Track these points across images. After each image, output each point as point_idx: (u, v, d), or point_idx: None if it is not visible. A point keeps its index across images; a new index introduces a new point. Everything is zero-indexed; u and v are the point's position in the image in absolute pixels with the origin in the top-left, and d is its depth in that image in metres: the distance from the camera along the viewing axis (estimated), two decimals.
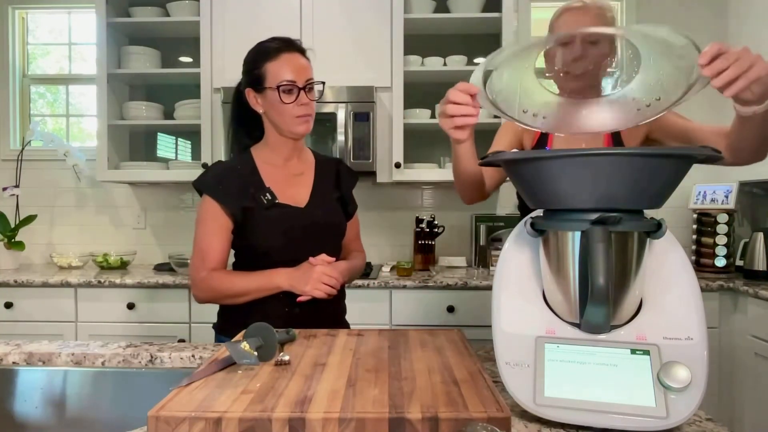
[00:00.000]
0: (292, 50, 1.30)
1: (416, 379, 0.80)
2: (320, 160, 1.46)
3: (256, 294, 1.27)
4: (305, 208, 1.34)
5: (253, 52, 1.33)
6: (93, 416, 1.05)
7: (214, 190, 1.30)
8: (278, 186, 1.33)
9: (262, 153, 1.37)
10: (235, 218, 1.29)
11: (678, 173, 0.72)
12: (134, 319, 2.40)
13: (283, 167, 1.37)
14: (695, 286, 0.77)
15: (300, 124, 1.30)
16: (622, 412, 0.70)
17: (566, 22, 1.30)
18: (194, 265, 1.30)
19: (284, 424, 0.66)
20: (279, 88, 1.27)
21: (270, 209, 1.29)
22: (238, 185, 1.30)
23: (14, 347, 1.11)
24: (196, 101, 2.67)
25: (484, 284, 2.30)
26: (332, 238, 1.39)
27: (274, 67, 1.28)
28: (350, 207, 1.46)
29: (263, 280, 1.26)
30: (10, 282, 2.40)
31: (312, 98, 1.31)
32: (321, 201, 1.37)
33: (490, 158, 0.79)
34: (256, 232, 1.29)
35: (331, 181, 1.43)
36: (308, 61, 1.33)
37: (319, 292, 1.24)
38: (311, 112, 1.31)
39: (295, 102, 1.28)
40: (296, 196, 1.34)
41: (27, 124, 3.09)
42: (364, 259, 1.53)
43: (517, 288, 0.83)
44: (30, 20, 3.13)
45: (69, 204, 3.04)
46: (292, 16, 2.57)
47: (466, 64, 2.67)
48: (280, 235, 1.29)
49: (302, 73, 1.29)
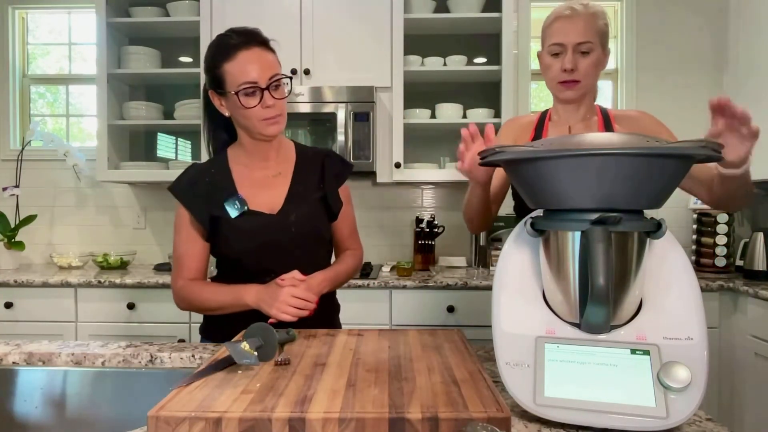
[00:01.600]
0: (251, 45, 1.17)
1: (416, 379, 0.80)
2: (303, 155, 1.34)
3: (228, 309, 1.21)
4: (278, 215, 1.24)
5: (211, 48, 1.21)
6: (93, 416, 1.05)
7: (185, 197, 1.25)
8: (251, 190, 1.26)
9: (237, 154, 1.29)
10: (204, 226, 1.24)
11: (678, 173, 0.72)
12: (134, 319, 2.40)
13: (259, 168, 1.28)
14: (695, 286, 0.77)
15: (268, 126, 1.20)
16: (622, 412, 0.70)
17: (558, 31, 1.30)
18: (172, 274, 1.28)
19: (284, 424, 0.66)
20: (238, 94, 1.16)
21: (239, 217, 1.22)
22: (209, 191, 1.24)
23: (14, 347, 1.11)
24: (196, 101, 2.67)
25: (484, 284, 2.30)
26: (310, 245, 1.29)
27: (232, 68, 1.16)
28: (335, 206, 1.32)
29: (233, 296, 1.20)
30: (10, 282, 2.40)
31: (279, 96, 1.19)
32: (297, 205, 1.26)
33: (490, 157, 0.79)
34: (227, 240, 1.23)
35: (314, 178, 1.31)
36: (273, 54, 1.20)
37: (286, 316, 1.13)
38: (280, 111, 1.20)
39: (259, 104, 1.17)
40: (270, 201, 1.25)
41: (27, 124, 3.09)
42: (359, 257, 1.41)
43: (517, 288, 0.83)
44: (30, 20, 3.13)
45: (69, 204, 3.04)
46: (292, 16, 2.57)
47: (466, 64, 2.67)
48: (250, 245, 1.22)
49: (265, 70, 1.16)
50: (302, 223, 1.25)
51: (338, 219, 1.35)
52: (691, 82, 2.87)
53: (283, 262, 1.22)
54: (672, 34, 2.89)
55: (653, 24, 2.89)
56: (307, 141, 2.56)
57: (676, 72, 2.88)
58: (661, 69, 2.89)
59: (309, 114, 2.52)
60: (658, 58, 2.89)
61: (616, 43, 2.98)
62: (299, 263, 1.22)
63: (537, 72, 3.02)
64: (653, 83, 2.89)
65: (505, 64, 2.56)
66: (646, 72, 2.89)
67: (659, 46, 2.89)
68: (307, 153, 1.35)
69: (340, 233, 1.38)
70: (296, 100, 2.49)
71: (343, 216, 1.36)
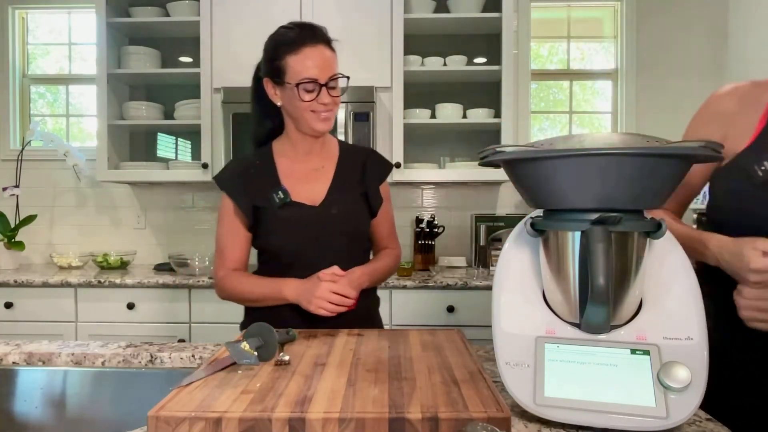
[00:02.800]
0: (316, 42, 1.20)
1: (416, 379, 0.80)
2: (346, 151, 1.36)
3: (268, 302, 1.23)
4: (320, 207, 1.26)
5: (273, 39, 1.24)
6: (93, 416, 1.05)
7: (229, 187, 1.27)
8: (294, 182, 1.28)
9: (282, 146, 1.32)
10: (247, 217, 1.26)
11: (678, 173, 0.72)
12: (134, 319, 2.40)
13: (303, 161, 1.30)
14: (695, 286, 0.77)
15: (319, 122, 1.23)
16: (622, 412, 0.70)
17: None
18: (214, 264, 1.31)
19: (284, 424, 0.66)
20: (299, 86, 1.19)
21: (282, 208, 1.24)
22: (253, 182, 1.26)
23: (14, 347, 1.11)
24: (196, 101, 2.67)
25: (484, 284, 2.30)
26: (350, 238, 1.30)
27: (294, 61, 1.19)
28: (375, 203, 1.33)
29: (272, 289, 1.22)
30: (10, 282, 2.40)
31: (335, 94, 1.23)
32: (339, 198, 1.28)
33: (490, 157, 0.79)
34: (268, 232, 1.26)
35: (356, 175, 1.32)
36: (333, 53, 1.24)
37: (323, 311, 1.16)
38: (333, 108, 1.24)
39: (315, 100, 1.20)
40: (312, 193, 1.27)
41: (27, 124, 3.09)
42: (397, 257, 1.41)
43: (517, 288, 0.83)
44: (30, 20, 3.13)
45: (69, 204, 3.04)
46: (292, 16, 2.57)
47: (466, 64, 2.67)
48: (291, 236, 1.24)
49: (326, 68, 1.20)
50: (343, 217, 1.27)
51: (378, 216, 1.36)
52: (691, 82, 2.87)
53: (323, 255, 1.23)
54: (672, 34, 2.89)
55: (653, 24, 2.89)
56: None
57: (676, 72, 2.88)
58: (662, 69, 2.89)
59: None
60: (659, 58, 2.90)
61: (616, 44, 2.98)
62: (338, 257, 1.23)
63: (537, 72, 3.02)
64: (653, 84, 2.89)
65: (505, 64, 2.56)
66: (646, 72, 2.89)
67: (659, 46, 2.89)
68: (349, 150, 1.38)
69: (379, 231, 1.39)
70: None
71: (382, 214, 1.37)
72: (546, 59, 3.11)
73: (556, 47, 3.08)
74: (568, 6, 3.02)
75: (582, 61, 3.08)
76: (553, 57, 3.10)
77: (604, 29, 3.05)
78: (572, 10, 3.03)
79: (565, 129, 3.08)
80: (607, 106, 3.04)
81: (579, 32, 3.04)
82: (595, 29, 3.06)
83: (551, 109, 3.11)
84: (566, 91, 3.07)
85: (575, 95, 3.07)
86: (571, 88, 3.06)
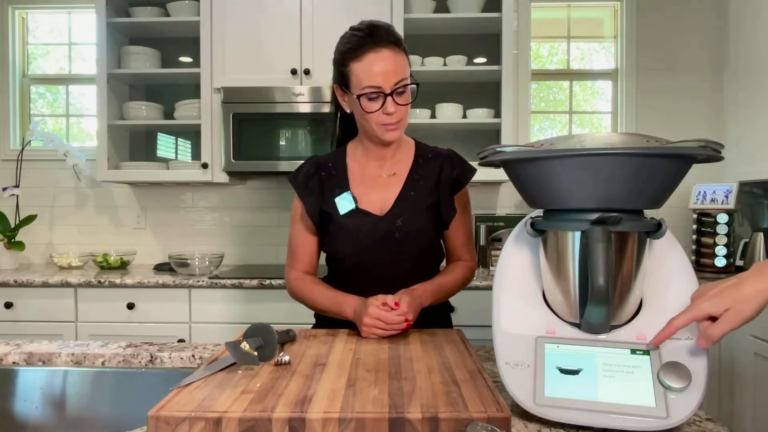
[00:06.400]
0: (380, 46, 1.11)
1: (416, 379, 0.80)
2: (421, 157, 1.28)
3: (332, 315, 1.20)
4: (385, 217, 1.20)
5: (341, 44, 1.17)
6: (93, 416, 1.05)
7: (300, 189, 1.25)
8: (364, 189, 1.23)
9: (355, 149, 1.28)
10: (313, 220, 1.24)
11: (678, 173, 0.72)
12: (134, 319, 2.40)
13: (374, 167, 1.25)
14: (695, 286, 0.77)
15: (386, 132, 1.16)
16: (622, 412, 0.70)
17: None
18: (286, 263, 1.32)
19: (284, 424, 0.66)
20: (360, 97, 1.12)
21: (347, 215, 1.20)
22: (323, 185, 1.24)
23: (14, 347, 1.11)
24: (196, 101, 2.67)
25: (484, 284, 2.29)
26: (414, 251, 1.22)
27: (358, 69, 1.12)
28: (447, 214, 1.24)
29: (335, 305, 1.18)
30: (10, 282, 2.40)
31: (403, 102, 1.15)
32: (407, 209, 1.21)
33: (489, 157, 0.79)
34: (333, 238, 1.23)
35: (429, 182, 1.24)
36: (402, 55, 1.15)
37: (372, 336, 1.08)
38: (400, 117, 1.16)
39: (380, 110, 1.13)
40: (381, 202, 1.22)
41: (27, 124, 3.09)
42: (471, 269, 1.32)
43: (517, 288, 0.83)
44: (30, 20, 3.13)
45: (69, 204, 3.04)
46: (292, 16, 2.57)
47: (466, 64, 2.67)
48: (353, 244, 1.20)
49: (390, 76, 1.11)
50: (408, 228, 1.20)
51: (450, 227, 1.27)
52: (691, 82, 2.87)
53: (385, 266, 1.20)
54: (672, 34, 2.89)
55: (653, 24, 2.89)
56: (306, 141, 2.56)
57: (676, 72, 2.88)
58: (661, 69, 2.89)
59: (309, 114, 2.52)
60: (658, 58, 2.89)
61: (616, 44, 2.98)
62: (401, 269, 1.21)
63: (537, 72, 3.02)
64: (653, 84, 2.89)
65: (505, 64, 2.56)
66: (646, 72, 2.89)
67: (659, 46, 2.89)
68: (426, 154, 1.29)
69: (451, 241, 1.31)
70: (296, 100, 2.49)
71: (456, 224, 1.27)
72: (546, 59, 3.11)
73: (556, 47, 3.08)
74: (568, 6, 3.02)
75: (582, 61, 3.08)
76: (553, 57, 3.10)
77: (604, 29, 3.05)
78: (572, 10, 3.03)
79: (565, 129, 3.08)
80: (607, 106, 3.04)
81: (579, 32, 3.04)
82: (595, 29, 3.05)
83: (551, 109, 3.11)
84: (566, 91, 3.07)
85: (575, 95, 3.07)
86: (571, 88, 3.06)
